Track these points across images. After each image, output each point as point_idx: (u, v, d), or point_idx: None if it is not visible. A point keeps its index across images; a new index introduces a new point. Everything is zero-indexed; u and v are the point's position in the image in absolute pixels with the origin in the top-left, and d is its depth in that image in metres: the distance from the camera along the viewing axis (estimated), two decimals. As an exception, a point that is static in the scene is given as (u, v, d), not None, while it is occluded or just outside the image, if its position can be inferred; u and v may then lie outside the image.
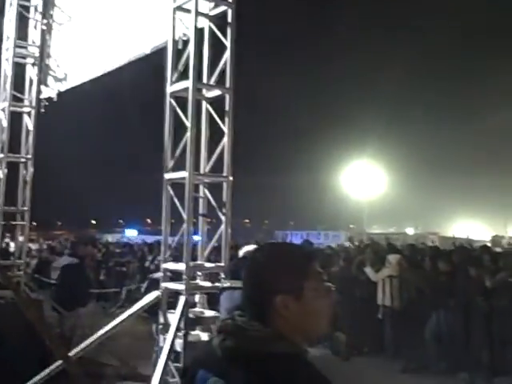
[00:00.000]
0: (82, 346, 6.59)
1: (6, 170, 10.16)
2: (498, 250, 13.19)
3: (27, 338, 7.44)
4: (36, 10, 10.62)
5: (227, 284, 6.04)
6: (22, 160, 10.31)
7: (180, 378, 5.34)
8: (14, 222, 10.37)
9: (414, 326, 9.96)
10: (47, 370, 6.55)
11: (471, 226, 52.72)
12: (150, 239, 20.85)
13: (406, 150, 56.78)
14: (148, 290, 7.59)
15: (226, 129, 6.97)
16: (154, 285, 7.03)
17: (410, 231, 48.15)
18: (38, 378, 6.52)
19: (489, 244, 16.34)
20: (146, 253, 17.94)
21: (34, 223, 13.26)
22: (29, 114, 10.40)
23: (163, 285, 6.42)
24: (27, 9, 10.60)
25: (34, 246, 20.23)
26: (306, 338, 1.68)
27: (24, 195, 10.24)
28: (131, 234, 40.90)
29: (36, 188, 10.42)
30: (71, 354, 6.45)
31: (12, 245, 11.45)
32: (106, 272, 18.36)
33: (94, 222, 57.89)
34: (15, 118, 10.41)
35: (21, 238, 10.44)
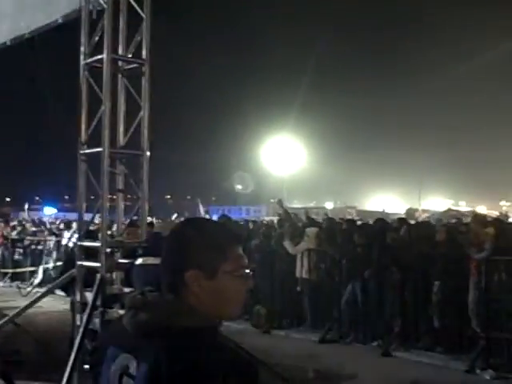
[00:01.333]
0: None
1: None
2: (412, 222, 13.72)
3: None
4: None
5: (139, 261, 5.92)
6: None
7: (89, 356, 5.27)
8: None
9: (331, 298, 10.25)
10: None
11: (387, 200, 54.50)
12: (72, 216, 20.25)
13: (324, 124, 57.75)
14: (65, 268, 7.43)
15: (142, 102, 6.84)
16: (71, 263, 6.87)
17: (330, 205, 49.24)
18: None
19: (403, 216, 16.97)
20: (63, 230, 17.48)
21: None
22: None
23: (79, 263, 6.28)
24: None
25: None
26: (217, 316, 1.66)
27: None
28: (50, 211, 39.63)
29: None
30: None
31: None
32: (22, 251, 17.80)
33: (8, 199, 55.82)
34: None
35: None
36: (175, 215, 21.62)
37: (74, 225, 14.51)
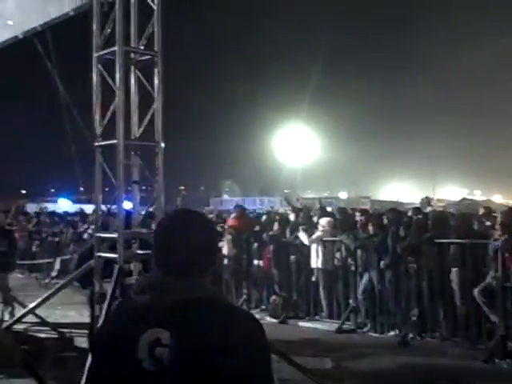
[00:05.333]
0: (16, 318, 6.45)
1: None
2: (427, 211, 13.61)
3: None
4: None
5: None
6: None
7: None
8: None
9: (347, 287, 10.23)
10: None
11: (402, 190, 54.24)
12: (88, 209, 20.37)
13: (338, 114, 57.45)
14: (82, 260, 7.47)
15: (155, 94, 6.85)
16: (89, 254, 6.91)
17: (343, 195, 49.09)
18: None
19: (418, 206, 16.86)
20: (79, 222, 17.60)
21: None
22: None
23: (97, 254, 6.32)
24: None
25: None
26: None
27: None
28: (65, 203, 39.89)
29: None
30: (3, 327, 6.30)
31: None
32: (40, 243, 17.95)
33: (23, 191, 56.22)
34: None
35: None
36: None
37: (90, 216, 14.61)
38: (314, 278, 10.71)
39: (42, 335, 7.91)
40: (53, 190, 52.96)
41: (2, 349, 2.84)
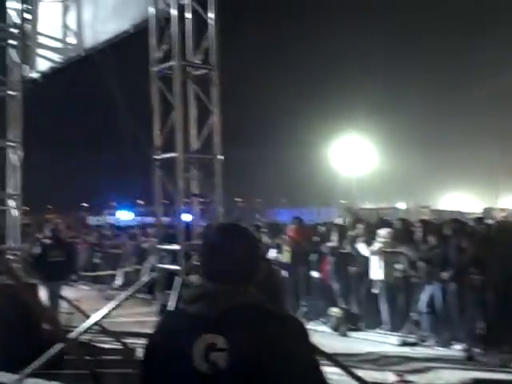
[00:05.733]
0: (81, 328, 6.58)
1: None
2: (490, 221, 13.22)
3: (24, 321, 7.44)
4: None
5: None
6: (11, 145, 10.20)
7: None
8: (2, 207, 10.25)
9: (409, 300, 10.02)
10: (47, 354, 6.52)
11: (462, 199, 52.94)
12: (148, 220, 20.83)
13: (395, 123, 56.61)
14: (145, 272, 7.59)
15: (213, 107, 6.91)
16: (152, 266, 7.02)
17: (402, 206, 48.27)
18: (38, 362, 6.48)
19: (480, 216, 16.42)
20: (139, 234, 17.91)
21: (27, 208, 13.17)
22: (13, 97, 10.26)
23: (159, 266, 6.40)
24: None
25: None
26: None
27: (14, 180, 10.15)
28: (126, 216, 40.76)
29: (27, 172, 10.33)
30: (70, 336, 6.43)
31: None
32: (102, 255, 18.37)
33: (85, 204, 57.65)
34: (0, 102, 10.28)
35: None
36: None
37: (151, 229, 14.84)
38: (376, 290, 10.53)
39: (106, 346, 8.06)
40: (113, 203, 54.10)
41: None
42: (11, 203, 10.15)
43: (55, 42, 10.34)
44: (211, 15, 7.01)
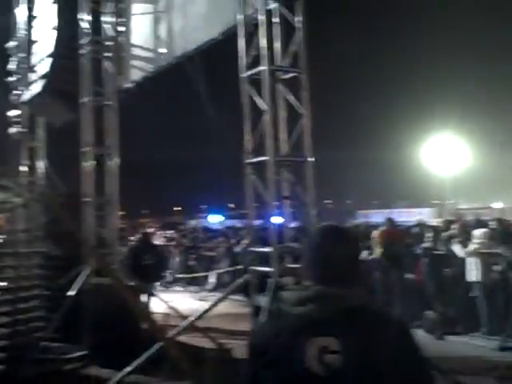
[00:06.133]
0: (179, 329, 6.78)
1: (93, 163, 10.54)
2: None
3: (124, 321, 7.75)
4: (108, 4, 10.92)
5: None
6: (107, 152, 10.65)
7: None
8: (100, 213, 10.69)
9: (508, 302, 9.63)
10: (148, 353, 6.75)
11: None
12: (238, 223, 21.23)
13: (489, 121, 54.45)
14: (238, 274, 7.72)
15: (302, 110, 6.94)
16: (244, 268, 7.13)
17: (498, 205, 46.31)
18: (138, 360, 6.73)
19: None
20: (231, 237, 18.23)
21: (123, 212, 13.71)
22: (109, 106, 10.71)
23: (252, 268, 6.50)
24: (99, 4, 10.90)
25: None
26: None
27: (112, 186, 10.59)
28: (216, 219, 41.54)
29: (122, 178, 10.75)
30: (169, 336, 6.64)
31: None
32: (196, 257, 18.83)
33: (178, 208, 59.23)
34: (98, 112, 10.75)
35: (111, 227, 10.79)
36: None
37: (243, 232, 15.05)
38: (473, 293, 10.19)
39: (202, 345, 8.25)
40: (204, 207, 55.25)
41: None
42: (109, 208, 10.59)
43: (147, 52, 10.74)
44: (299, 19, 7.05)
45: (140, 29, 10.88)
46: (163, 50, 10.31)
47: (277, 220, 6.77)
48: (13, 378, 7.53)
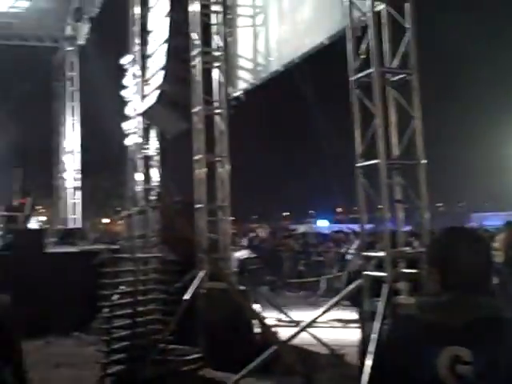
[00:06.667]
0: (292, 333, 6.82)
1: (205, 170, 10.84)
2: None
3: (238, 324, 7.91)
4: (217, 16, 11.23)
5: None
6: (218, 159, 10.92)
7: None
8: (212, 218, 10.94)
9: None
10: (262, 356, 6.84)
11: None
12: (346, 228, 21.06)
13: None
14: (351, 279, 7.66)
15: (414, 112, 6.81)
16: (354, 274, 7.07)
17: None
18: (253, 363, 6.84)
19: None
20: (341, 241, 18.12)
21: (233, 218, 14.04)
22: (220, 115, 10.98)
23: (365, 273, 6.43)
24: (209, 16, 11.23)
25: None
26: None
27: (223, 192, 10.84)
28: (325, 223, 41.48)
29: (233, 184, 10.97)
30: (282, 340, 6.70)
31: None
32: (306, 262, 18.87)
33: (287, 213, 59.66)
34: (208, 121, 11.07)
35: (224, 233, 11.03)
36: None
37: (352, 236, 14.92)
38: None
39: (315, 350, 8.27)
40: (312, 212, 55.26)
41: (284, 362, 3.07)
42: (221, 214, 10.84)
43: (255, 60, 10.91)
44: (408, 19, 6.92)
45: (247, 36, 11.09)
46: (271, 57, 10.45)
47: (389, 224, 6.64)
48: (133, 378, 7.89)
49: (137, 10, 14.15)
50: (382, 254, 6.16)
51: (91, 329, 10.19)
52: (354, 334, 7.68)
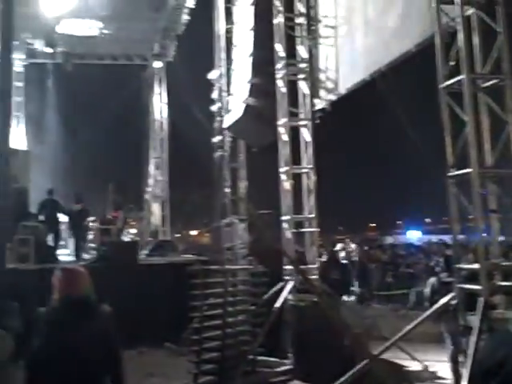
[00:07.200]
0: (383, 347, 6.70)
1: (292, 182, 10.87)
2: None
3: (327, 338, 7.84)
4: (301, 28, 11.27)
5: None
6: (304, 171, 10.92)
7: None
8: (299, 230, 10.94)
9: None
10: (354, 370, 6.75)
11: None
12: (435, 239, 20.53)
13: None
14: (437, 292, 7.45)
15: (508, 117, 6.56)
16: (444, 286, 6.87)
17: None
18: (345, 377, 6.75)
19: None
20: (431, 253, 17.62)
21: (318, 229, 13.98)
22: (305, 126, 10.99)
23: (458, 286, 6.22)
24: (293, 28, 11.29)
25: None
26: None
27: (309, 203, 10.82)
28: (415, 234, 40.52)
29: (319, 196, 10.93)
30: (374, 353, 6.59)
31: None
32: (393, 274, 18.47)
33: (373, 225, 58.75)
34: (294, 132, 11.10)
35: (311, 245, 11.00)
36: None
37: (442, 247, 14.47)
38: None
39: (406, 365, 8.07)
40: (401, 222, 54.09)
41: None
42: (307, 225, 10.82)
43: (339, 70, 10.87)
44: (500, 23, 6.69)
45: (329, 49, 11.06)
46: (355, 68, 10.37)
47: (483, 235, 6.39)
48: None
49: (222, 25, 14.44)
50: (476, 266, 5.94)
51: (182, 339, 10.37)
52: (439, 349, 7.44)
